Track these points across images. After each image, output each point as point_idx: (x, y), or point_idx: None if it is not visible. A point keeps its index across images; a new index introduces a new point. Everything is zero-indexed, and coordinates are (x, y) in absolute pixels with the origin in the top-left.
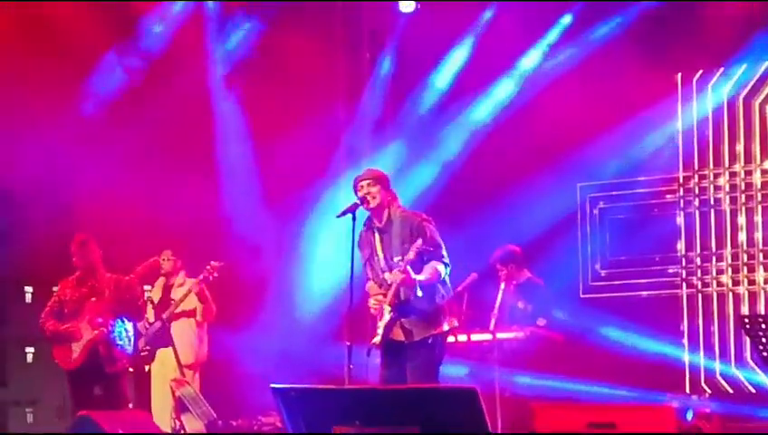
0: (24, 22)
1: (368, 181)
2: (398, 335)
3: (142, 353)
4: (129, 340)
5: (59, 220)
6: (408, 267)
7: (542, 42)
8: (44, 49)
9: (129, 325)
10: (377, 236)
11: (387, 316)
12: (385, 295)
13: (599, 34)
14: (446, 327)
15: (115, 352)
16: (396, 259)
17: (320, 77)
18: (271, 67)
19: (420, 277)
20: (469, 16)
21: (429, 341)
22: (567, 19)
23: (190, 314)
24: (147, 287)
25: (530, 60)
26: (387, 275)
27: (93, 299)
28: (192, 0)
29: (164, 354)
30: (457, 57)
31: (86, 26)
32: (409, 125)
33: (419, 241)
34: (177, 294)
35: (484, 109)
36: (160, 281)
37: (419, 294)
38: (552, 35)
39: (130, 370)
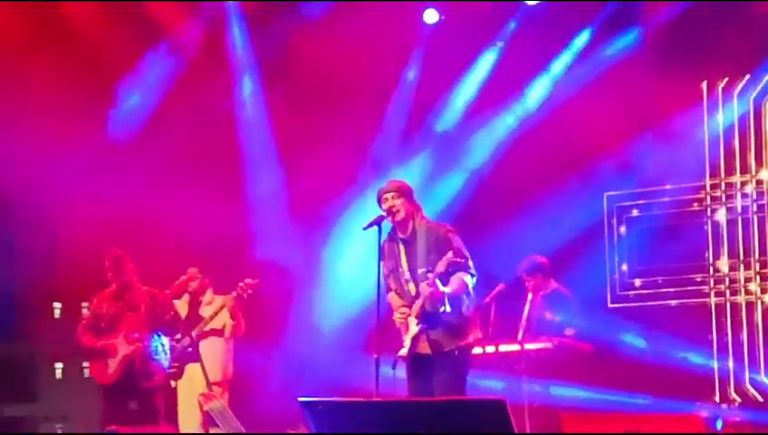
0: (52, 37)
1: (392, 194)
2: (425, 348)
3: (171, 370)
4: (166, 354)
5: (87, 236)
6: (437, 280)
7: (567, 51)
8: (73, 65)
9: (165, 340)
10: (401, 247)
11: (414, 329)
12: (409, 307)
13: (624, 43)
14: (471, 339)
15: (151, 367)
16: (421, 271)
17: (344, 89)
18: (296, 80)
19: (448, 290)
20: (494, 26)
21: (456, 353)
22: (592, 28)
23: (219, 331)
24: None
25: (555, 69)
26: (411, 287)
27: (129, 314)
28: (215, 7)
29: (192, 370)
30: (482, 67)
31: (113, 40)
32: (435, 136)
33: (450, 253)
34: (205, 311)
35: (510, 119)
36: (185, 297)
37: (448, 308)
38: (578, 44)
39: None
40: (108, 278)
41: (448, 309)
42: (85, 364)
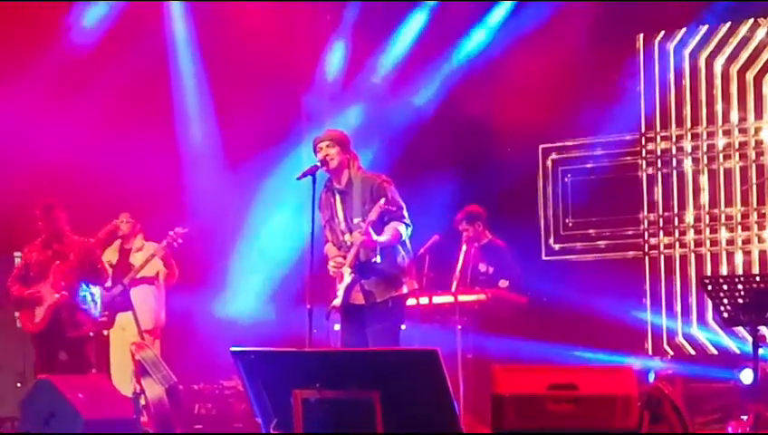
0: None
1: (326, 143)
2: (358, 299)
3: (101, 319)
4: (96, 304)
5: (17, 184)
6: (370, 229)
7: (503, 3)
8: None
9: (96, 289)
10: (337, 197)
11: (347, 278)
12: (344, 258)
13: None
14: (405, 289)
15: (78, 317)
16: (356, 221)
17: (279, 39)
18: (230, 31)
19: (381, 238)
20: None
21: (389, 303)
22: None
23: (151, 279)
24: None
25: (491, 20)
26: (347, 237)
27: (58, 262)
28: None
29: (124, 319)
30: (418, 17)
31: None
32: (370, 87)
33: (382, 200)
34: (135, 258)
35: (445, 70)
36: (116, 244)
37: (378, 258)
38: None
39: (91, 334)
40: (38, 227)
41: (378, 260)
42: (17, 314)
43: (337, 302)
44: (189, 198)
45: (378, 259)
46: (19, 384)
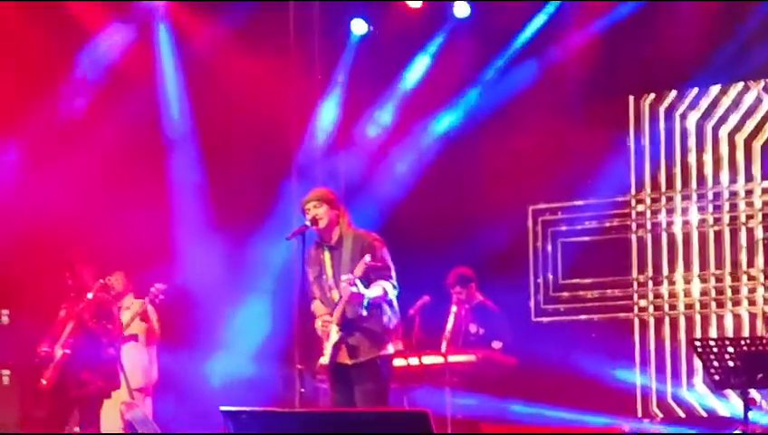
0: None
1: (313, 203)
2: (344, 357)
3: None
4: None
5: (7, 243)
6: (358, 282)
7: (494, 64)
8: None
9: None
10: (326, 254)
11: (335, 336)
12: (331, 315)
13: (551, 56)
14: (391, 349)
15: (83, 376)
16: (344, 278)
17: (271, 99)
18: (224, 87)
19: (368, 293)
20: (422, 38)
21: (378, 363)
22: (521, 41)
23: (138, 337)
24: None
25: (483, 81)
26: (334, 293)
27: (73, 319)
28: (147, 0)
29: None
30: (410, 78)
31: (36, 42)
32: (361, 145)
33: (367, 257)
34: (124, 316)
35: (437, 130)
36: None
37: (364, 312)
38: (505, 57)
39: None
40: (69, 286)
41: (365, 313)
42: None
43: (324, 360)
44: (179, 256)
45: (364, 312)
46: None
